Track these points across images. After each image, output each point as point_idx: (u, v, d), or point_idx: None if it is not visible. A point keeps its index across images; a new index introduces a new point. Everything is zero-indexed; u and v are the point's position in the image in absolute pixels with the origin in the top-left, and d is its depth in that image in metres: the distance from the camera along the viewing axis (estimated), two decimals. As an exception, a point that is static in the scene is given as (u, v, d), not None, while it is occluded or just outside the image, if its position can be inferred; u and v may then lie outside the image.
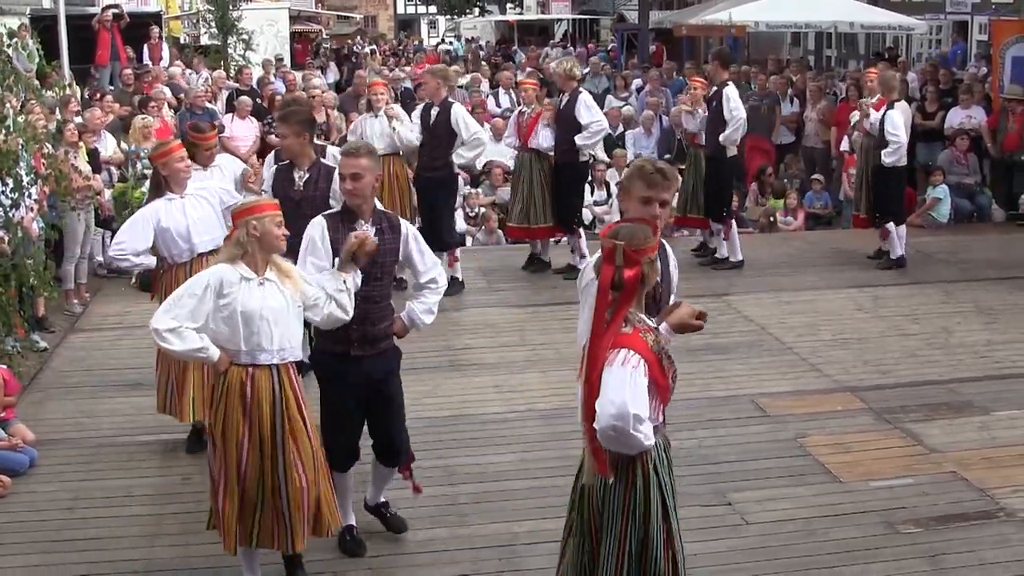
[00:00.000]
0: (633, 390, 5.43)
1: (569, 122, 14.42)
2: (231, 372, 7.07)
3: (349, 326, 7.43)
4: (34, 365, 12.05)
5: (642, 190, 6.28)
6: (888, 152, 14.70)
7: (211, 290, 6.96)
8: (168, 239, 9.38)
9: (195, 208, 9.47)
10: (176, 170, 9.44)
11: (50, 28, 23.14)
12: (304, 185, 9.77)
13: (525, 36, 59.49)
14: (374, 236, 7.42)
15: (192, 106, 19.89)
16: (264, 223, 7.02)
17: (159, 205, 9.43)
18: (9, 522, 8.61)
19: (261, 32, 32.61)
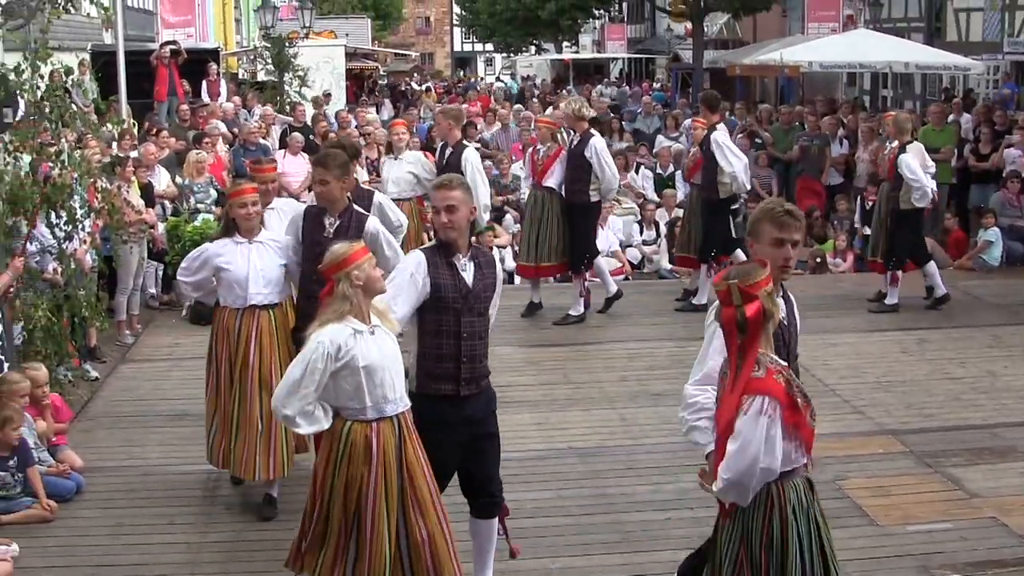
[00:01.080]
0: (768, 444, 5.47)
1: (577, 161, 14.34)
2: (354, 430, 6.85)
3: (459, 364, 7.28)
4: (85, 394, 12.23)
5: (773, 232, 6.14)
6: (916, 198, 14.70)
7: (330, 360, 6.70)
8: (225, 283, 9.21)
9: (260, 257, 9.22)
10: (237, 215, 9.17)
11: (110, 63, 23.49)
12: (335, 232, 9.09)
13: (581, 75, 59.66)
14: (473, 270, 7.35)
15: (246, 142, 20.12)
16: (364, 270, 6.81)
17: (224, 244, 9.25)
18: (55, 546, 8.76)
19: (317, 69, 32.87)
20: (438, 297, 7.24)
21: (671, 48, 53.51)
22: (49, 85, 11.63)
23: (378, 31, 74.48)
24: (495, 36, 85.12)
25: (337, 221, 9.15)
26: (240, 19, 48.33)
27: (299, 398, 6.76)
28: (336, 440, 6.88)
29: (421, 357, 7.35)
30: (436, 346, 7.30)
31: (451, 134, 14.15)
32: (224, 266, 9.15)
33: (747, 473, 5.50)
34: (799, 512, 5.75)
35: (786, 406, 5.50)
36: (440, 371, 7.30)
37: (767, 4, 39.42)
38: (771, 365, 5.57)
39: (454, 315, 7.27)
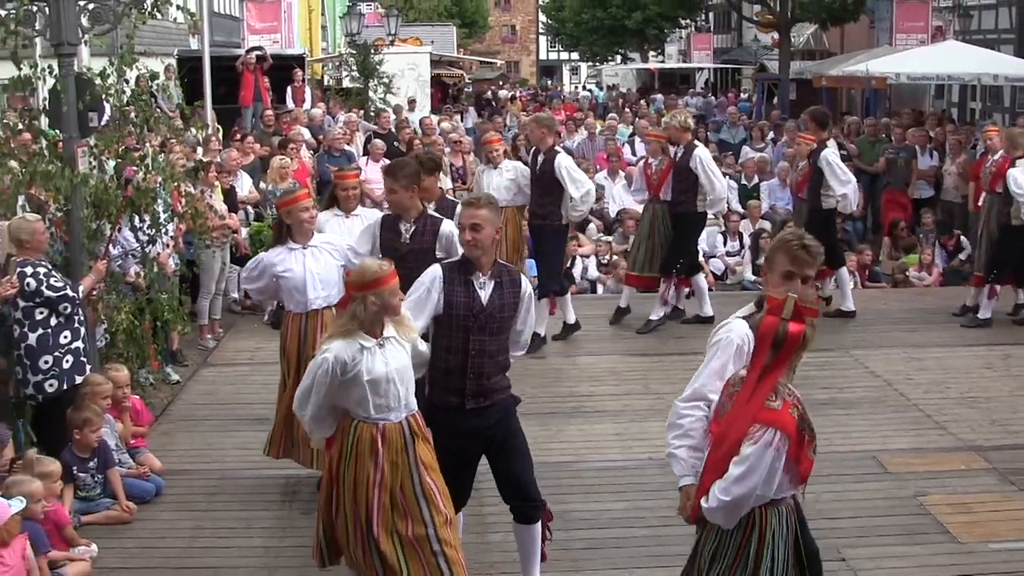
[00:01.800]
0: (769, 475, 5.49)
1: (683, 172, 14.26)
2: (361, 428, 7.09)
3: (465, 378, 7.44)
4: (166, 397, 12.36)
5: (786, 264, 6.09)
6: (1019, 212, 14.44)
7: (335, 375, 6.96)
8: (285, 289, 9.45)
9: (316, 261, 9.44)
10: (299, 220, 9.40)
11: (196, 69, 23.75)
12: (411, 237, 9.38)
13: (666, 84, 59.47)
14: (492, 289, 7.43)
15: (330, 148, 20.20)
16: (383, 297, 6.98)
17: (279, 253, 9.44)
18: (134, 548, 8.84)
19: (402, 76, 33.03)
20: (449, 313, 7.44)
21: (757, 58, 53.16)
22: (134, 90, 11.72)
23: (463, 39, 74.87)
24: (580, 45, 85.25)
25: (412, 227, 9.39)
26: (326, 26, 48.59)
27: (311, 405, 7.10)
28: (345, 436, 7.14)
29: (431, 367, 7.58)
30: (444, 360, 7.51)
31: (544, 141, 13.89)
32: (281, 274, 9.37)
33: (745, 499, 5.52)
34: (778, 537, 5.74)
35: (794, 441, 5.50)
36: (446, 383, 7.52)
37: (855, 15, 39.05)
38: (788, 397, 5.57)
39: (463, 332, 7.43)
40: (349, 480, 7.09)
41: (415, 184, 9.46)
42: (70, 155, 10.57)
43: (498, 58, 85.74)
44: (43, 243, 9.77)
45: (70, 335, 9.66)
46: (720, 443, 5.63)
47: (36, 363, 9.48)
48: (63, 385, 9.57)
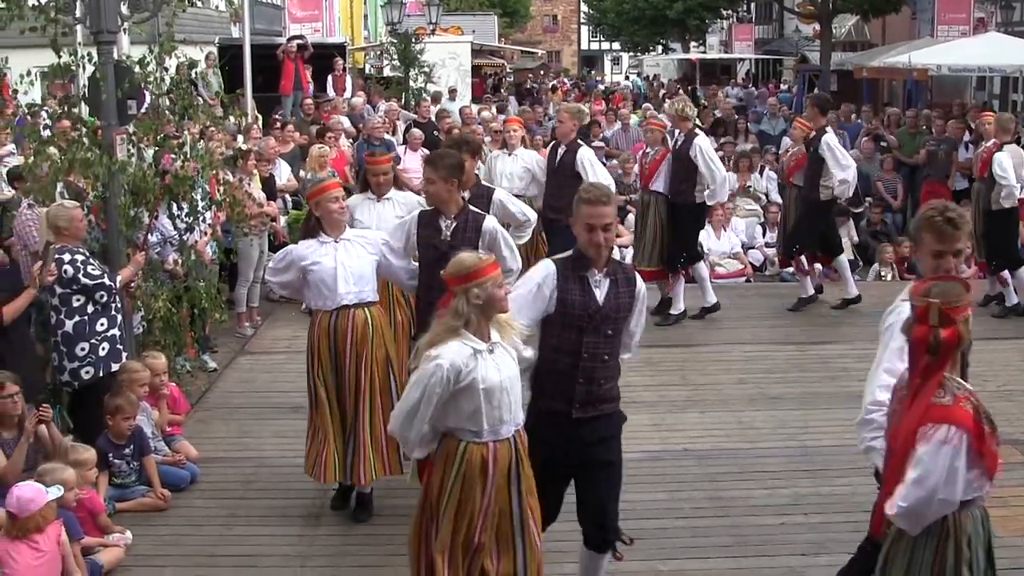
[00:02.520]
0: (949, 475, 5.20)
1: (683, 161, 14.07)
2: (471, 451, 6.52)
3: (575, 383, 6.94)
4: (203, 385, 12.39)
5: (933, 243, 5.97)
6: (1003, 196, 14.47)
7: (449, 383, 6.36)
8: (312, 284, 8.86)
9: (348, 254, 8.85)
10: (328, 211, 8.82)
11: (237, 57, 23.81)
12: (452, 234, 8.66)
13: (707, 75, 59.29)
14: (608, 288, 6.94)
15: (370, 136, 20.20)
16: (487, 288, 6.42)
17: (310, 245, 8.88)
18: (168, 535, 8.87)
19: (443, 65, 33.02)
20: (563, 312, 6.89)
21: (799, 49, 52.90)
22: (174, 78, 11.74)
23: (505, 28, 74.88)
24: (622, 35, 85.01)
25: (453, 223, 8.71)
26: (368, 15, 48.66)
27: (418, 420, 6.46)
28: (450, 462, 6.55)
29: (537, 371, 7.02)
30: (552, 362, 6.96)
31: (570, 134, 13.68)
32: (310, 267, 8.80)
33: (925, 503, 5.23)
34: (975, 543, 5.48)
35: (975, 436, 5.21)
36: (554, 389, 6.98)
37: (896, 6, 38.82)
38: (958, 391, 5.29)
39: (576, 333, 6.90)
40: (451, 511, 6.56)
41: (456, 177, 8.81)
42: (108, 142, 10.62)
43: (539, 48, 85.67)
44: (81, 230, 9.81)
45: (107, 322, 9.71)
46: (895, 449, 5.43)
47: (72, 350, 9.53)
48: (99, 372, 9.62)
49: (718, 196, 14.63)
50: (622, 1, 75.00)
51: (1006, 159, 14.51)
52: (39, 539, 7.55)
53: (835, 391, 11.89)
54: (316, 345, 8.89)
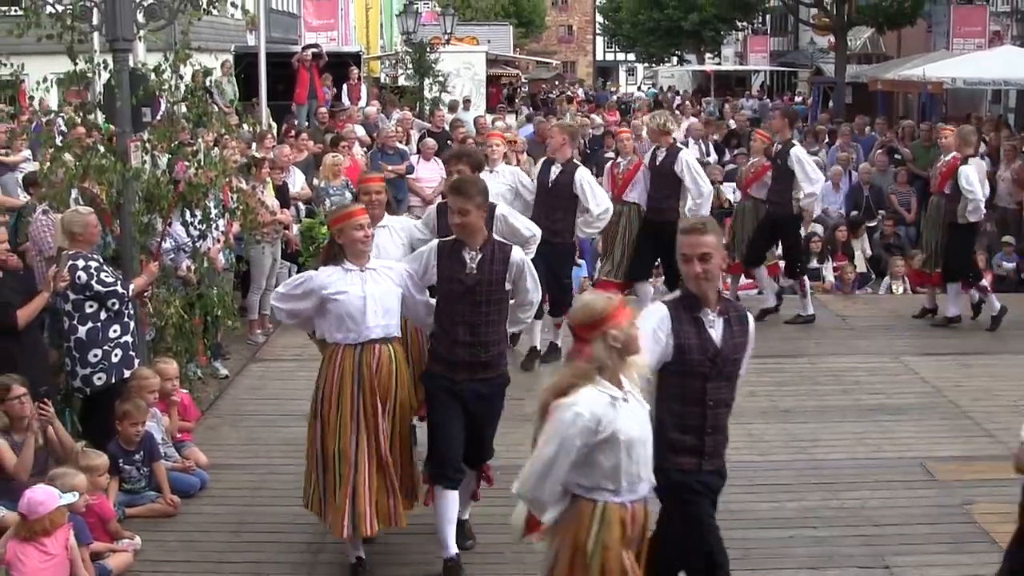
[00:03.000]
0: None
1: (665, 178, 13.79)
2: (610, 512, 6.00)
3: (703, 434, 6.58)
4: (214, 392, 12.42)
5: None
6: (970, 210, 14.38)
7: (590, 434, 5.84)
8: (334, 315, 8.10)
9: (377, 285, 8.14)
10: (353, 239, 8.11)
11: (252, 65, 23.89)
12: (478, 267, 8.01)
13: (722, 86, 59.36)
14: (723, 328, 6.55)
15: (384, 146, 20.23)
16: (626, 332, 5.93)
17: (332, 273, 8.13)
18: (177, 540, 8.89)
19: (458, 75, 33.09)
20: (682, 359, 6.48)
21: (814, 61, 53.01)
22: (189, 86, 11.79)
23: (520, 38, 74.99)
24: (637, 46, 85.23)
25: (479, 255, 8.02)
26: (383, 24, 48.76)
27: (553, 478, 5.91)
28: (586, 526, 6.01)
29: (659, 425, 6.38)
30: (679, 414, 6.54)
31: (563, 150, 12.77)
32: (333, 296, 8.05)
33: None
34: None
35: None
36: (680, 444, 6.54)
37: (912, 19, 38.87)
38: None
39: (700, 380, 6.52)
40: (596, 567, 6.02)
41: (487, 201, 8.33)
42: (123, 149, 10.66)
43: (554, 58, 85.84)
44: (95, 236, 9.87)
45: (119, 329, 9.73)
46: None
47: (85, 356, 9.56)
48: (111, 379, 9.65)
49: (703, 210, 13.76)
50: (637, 12, 75.36)
51: (972, 173, 14.47)
52: (47, 542, 7.59)
53: (846, 404, 11.89)
54: (336, 383, 8.09)
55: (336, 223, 8.25)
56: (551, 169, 12.81)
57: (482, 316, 7.95)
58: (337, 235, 8.20)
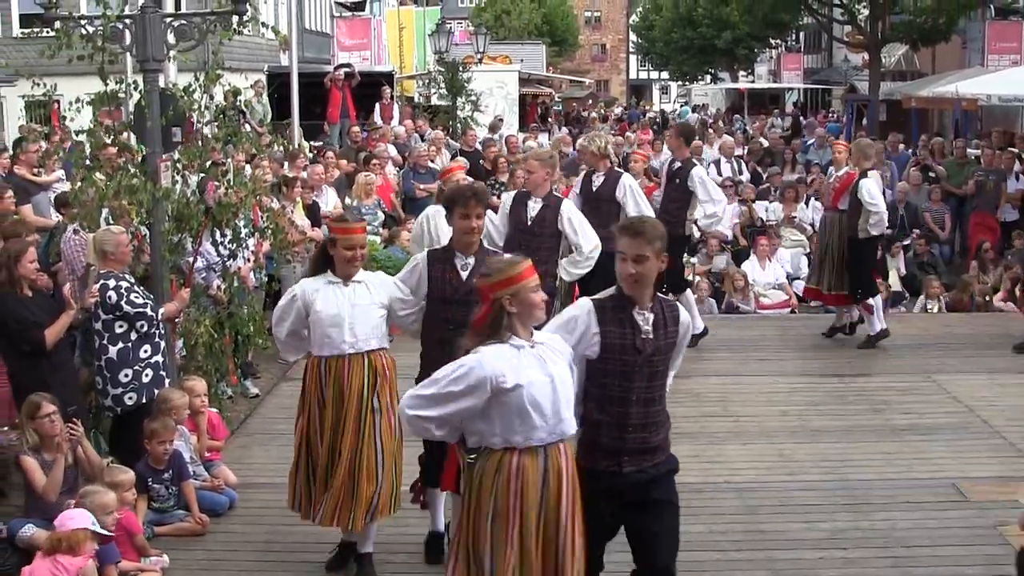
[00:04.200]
0: None
1: (605, 205, 12.70)
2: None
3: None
4: (244, 411, 12.44)
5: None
6: (872, 224, 14.25)
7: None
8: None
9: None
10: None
11: (285, 84, 24.01)
12: (653, 330, 6.82)
13: (755, 104, 59.25)
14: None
15: (416, 165, 20.28)
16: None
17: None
18: (205, 559, 8.90)
19: (490, 94, 33.11)
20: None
21: (847, 79, 52.84)
22: (220, 105, 11.84)
23: (553, 57, 75.02)
24: (670, 64, 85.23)
25: (651, 315, 6.79)
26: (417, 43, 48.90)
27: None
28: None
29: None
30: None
31: (544, 186, 11.61)
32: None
33: None
34: None
35: None
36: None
37: (946, 35, 38.75)
38: None
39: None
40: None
41: None
42: (153, 169, 10.70)
43: (588, 77, 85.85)
44: (127, 255, 9.90)
45: (150, 349, 9.76)
46: None
47: (116, 376, 9.59)
48: (142, 399, 9.67)
49: None
50: (671, 30, 75.38)
51: (874, 186, 14.41)
52: (66, 563, 7.60)
53: (878, 424, 11.82)
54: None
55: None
56: (527, 206, 11.55)
57: (656, 391, 6.74)
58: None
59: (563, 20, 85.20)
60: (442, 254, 8.30)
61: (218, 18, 11.12)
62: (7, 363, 9.73)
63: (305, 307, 8.22)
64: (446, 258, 8.22)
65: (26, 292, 9.40)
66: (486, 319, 6.27)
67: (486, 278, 6.34)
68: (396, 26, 43.66)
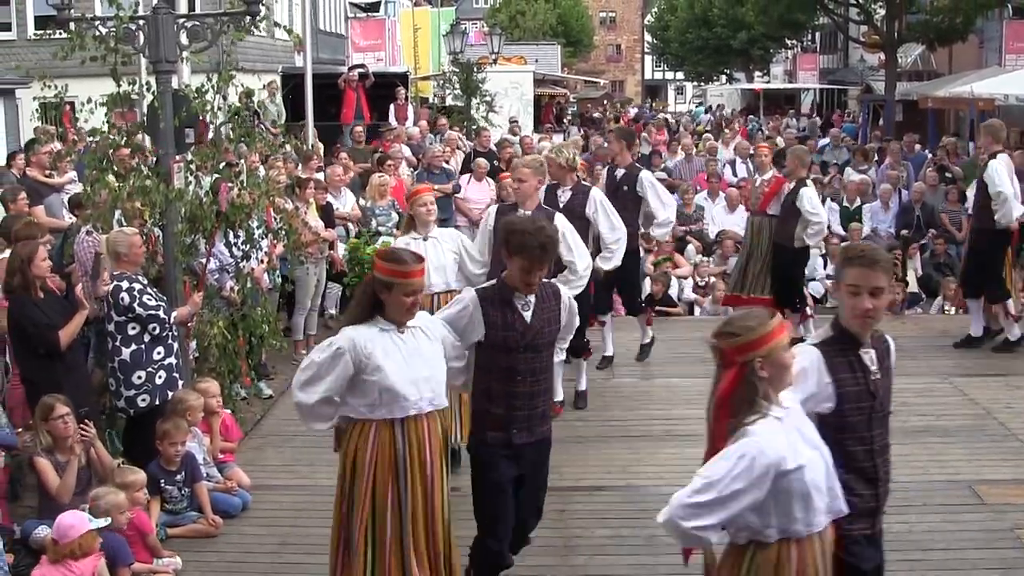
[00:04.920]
0: None
1: (581, 222, 11.39)
2: None
3: None
4: (258, 412, 12.42)
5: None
6: (811, 234, 14.00)
7: None
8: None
9: None
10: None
11: (300, 85, 24.01)
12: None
13: (771, 104, 59.15)
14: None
15: (430, 165, 20.22)
16: None
17: None
18: (218, 561, 8.88)
19: (505, 95, 33.09)
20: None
21: (863, 79, 52.70)
22: (234, 107, 11.82)
23: (568, 58, 75.01)
24: (686, 64, 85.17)
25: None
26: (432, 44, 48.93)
27: None
28: None
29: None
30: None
31: (533, 198, 10.74)
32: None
33: None
34: None
35: None
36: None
37: (963, 35, 38.60)
38: None
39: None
40: None
41: None
42: (166, 170, 10.69)
43: (603, 77, 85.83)
44: (139, 257, 9.90)
45: (163, 351, 9.75)
46: None
47: (129, 378, 9.58)
48: (155, 400, 9.67)
49: (615, 260, 11.82)
50: (686, 31, 75.32)
51: (814, 195, 14.21)
52: (75, 567, 7.61)
53: (893, 426, 11.48)
54: None
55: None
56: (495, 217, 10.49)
57: None
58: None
59: (578, 20, 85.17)
60: (497, 294, 7.32)
61: (231, 19, 11.11)
62: (20, 365, 9.76)
63: (357, 363, 6.90)
64: (504, 299, 7.29)
65: (39, 294, 9.39)
66: (737, 388, 5.42)
67: (731, 339, 5.46)
68: (411, 27, 43.68)
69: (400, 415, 6.96)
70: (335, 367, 6.86)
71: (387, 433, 6.97)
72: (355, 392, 6.97)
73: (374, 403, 6.94)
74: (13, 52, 31.08)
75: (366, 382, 6.87)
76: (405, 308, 6.90)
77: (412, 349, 6.96)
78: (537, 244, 7.03)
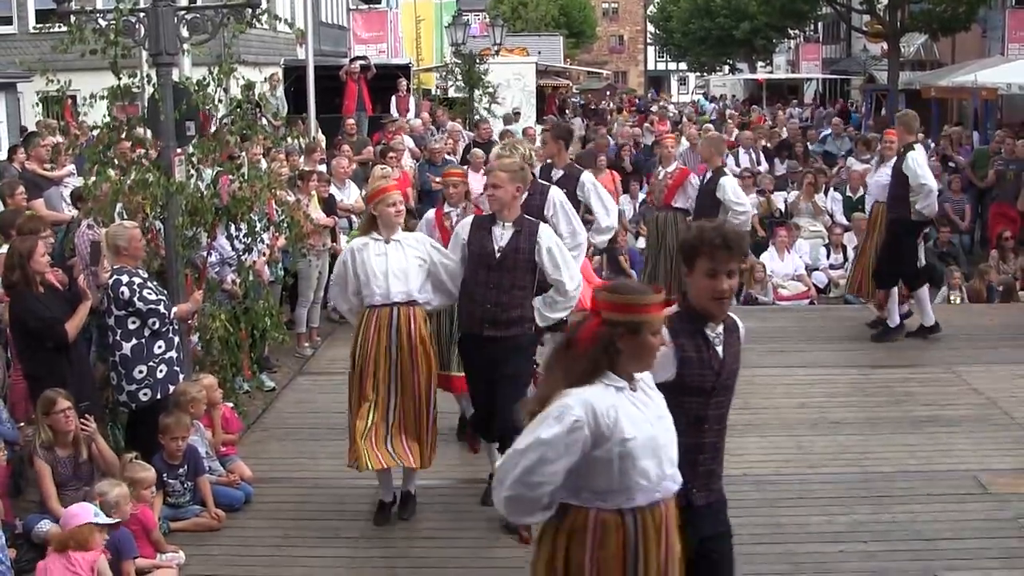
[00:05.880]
0: None
1: None
2: None
3: None
4: (260, 405, 12.39)
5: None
6: (738, 225, 13.12)
7: None
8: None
9: None
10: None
11: (302, 78, 23.97)
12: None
13: (774, 94, 59.09)
14: None
15: (432, 157, 20.17)
16: None
17: None
18: (221, 555, 8.86)
19: (508, 86, 33.04)
20: None
21: (866, 69, 52.63)
22: (235, 99, 11.79)
23: (571, 49, 74.95)
24: (688, 55, 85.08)
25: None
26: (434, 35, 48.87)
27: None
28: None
29: None
30: None
31: (512, 205, 8.97)
32: None
33: None
34: None
35: None
36: None
37: (966, 24, 38.50)
38: None
39: None
40: None
41: None
42: (167, 163, 10.66)
43: (606, 68, 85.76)
44: (139, 251, 9.83)
45: (164, 345, 9.71)
46: None
47: (131, 372, 9.54)
48: (157, 395, 9.63)
49: (580, 251, 10.55)
50: (688, 21, 75.24)
51: (736, 185, 14.09)
52: (76, 559, 7.61)
53: (898, 416, 11.72)
54: None
55: None
56: (492, 232, 8.97)
57: None
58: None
59: (580, 11, 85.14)
60: None
61: (231, 11, 11.07)
62: (23, 361, 9.75)
63: None
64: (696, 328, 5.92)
65: (40, 289, 9.38)
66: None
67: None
68: (412, 18, 43.55)
69: None
70: None
71: None
72: None
73: None
74: (14, 46, 31.07)
75: None
76: (653, 352, 5.35)
77: None
78: (720, 239, 5.72)
